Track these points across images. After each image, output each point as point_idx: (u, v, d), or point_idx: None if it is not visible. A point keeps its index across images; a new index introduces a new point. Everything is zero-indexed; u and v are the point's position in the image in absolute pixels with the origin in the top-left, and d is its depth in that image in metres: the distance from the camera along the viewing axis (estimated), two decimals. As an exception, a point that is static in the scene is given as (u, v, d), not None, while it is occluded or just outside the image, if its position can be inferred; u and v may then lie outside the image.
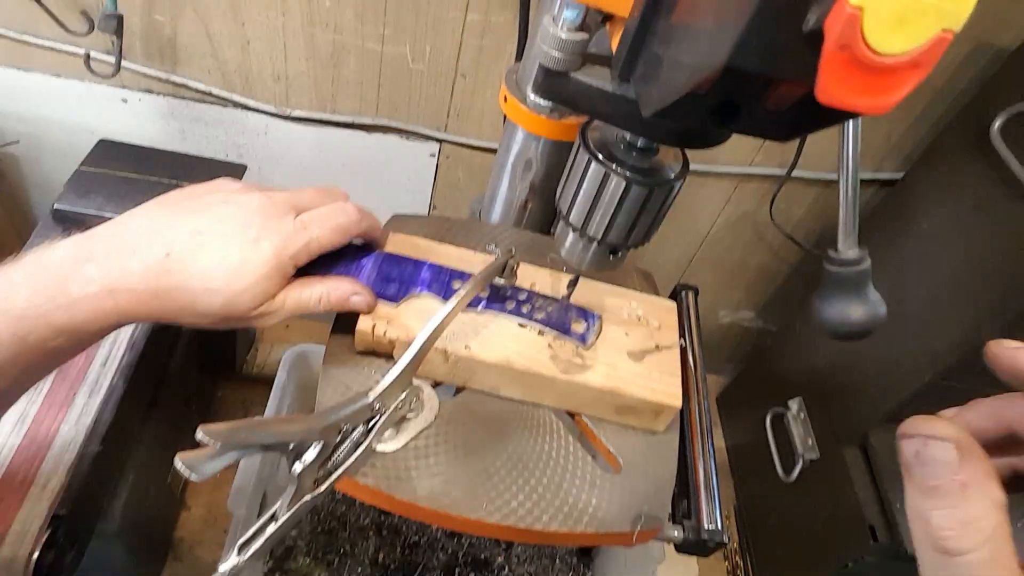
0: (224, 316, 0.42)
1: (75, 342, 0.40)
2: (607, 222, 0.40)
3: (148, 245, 0.40)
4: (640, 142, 0.39)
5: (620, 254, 0.44)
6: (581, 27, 0.33)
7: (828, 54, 0.22)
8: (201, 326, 0.43)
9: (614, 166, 0.38)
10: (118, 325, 0.41)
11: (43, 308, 0.38)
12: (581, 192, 0.40)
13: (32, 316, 0.37)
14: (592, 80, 0.34)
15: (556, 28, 0.33)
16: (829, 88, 0.22)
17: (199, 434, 0.32)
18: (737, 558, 1.25)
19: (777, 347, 1.28)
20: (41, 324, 0.37)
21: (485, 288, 0.53)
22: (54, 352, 0.39)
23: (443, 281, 0.54)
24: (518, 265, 0.53)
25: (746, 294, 1.35)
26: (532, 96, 0.58)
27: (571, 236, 0.44)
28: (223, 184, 0.46)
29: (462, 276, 0.55)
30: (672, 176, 0.39)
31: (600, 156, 0.38)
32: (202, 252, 0.41)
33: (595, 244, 0.43)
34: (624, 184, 0.38)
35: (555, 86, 0.35)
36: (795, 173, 1.01)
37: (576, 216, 0.42)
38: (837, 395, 1.05)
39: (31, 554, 0.58)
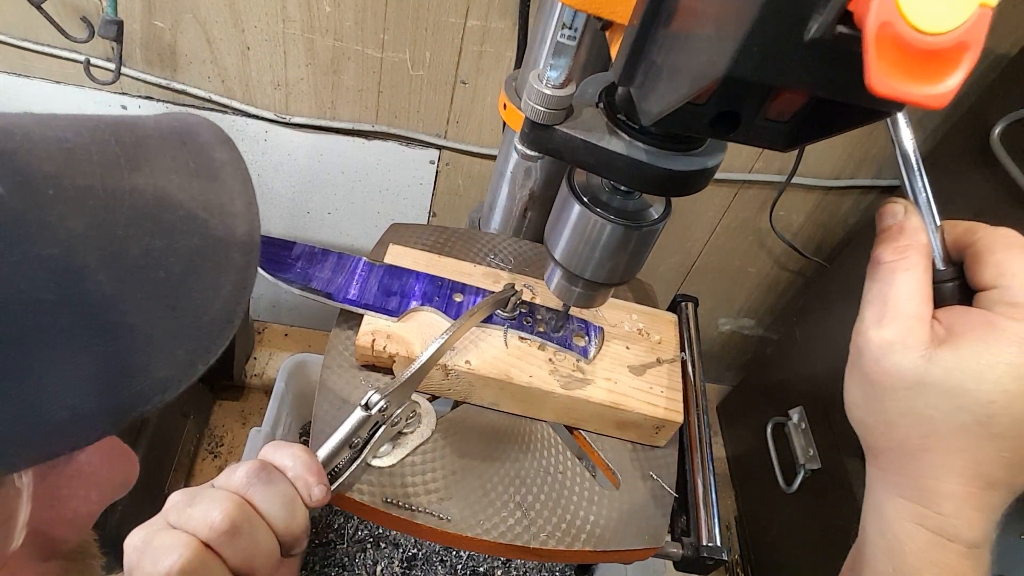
0: None
1: None
2: (592, 262, 0.41)
3: None
4: (623, 186, 0.39)
5: (606, 291, 0.45)
6: (564, 83, 0.35)
7: (870, 36, 0.21)
8: None
9: (598, 209, 0.39)
10: None
11: None
12: (566, 232, 0.41)
13: None
14: (576, 132, 0.35)
15: (541, 85, 0.34)
16: (881, 75, 0.21)
17: None
18: (738, 570, 1.23)
19: (778, 356, 1.27)
20: None
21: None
22: None
23: (444, 295, 0.53)
24: (520, 299, 0.53)
25: (746, 302, 1.35)
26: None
27: (559, 273, 0.45)
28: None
29: (463, 289, 0.54)
30: (656, 218, 0.40)
31: (585, 199, 0.39)
32: None
33: (581, 282, 0.43)
34: (608, 227, 0.39)
35: (540, 138, 0.36)
36: (795, 180, 1.00)
37: (562, 255, 0.42)
38: (838, 404, 1.03)
39: (22, 567, 0.57)
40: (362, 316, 0.51)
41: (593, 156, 0.35)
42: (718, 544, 0.50)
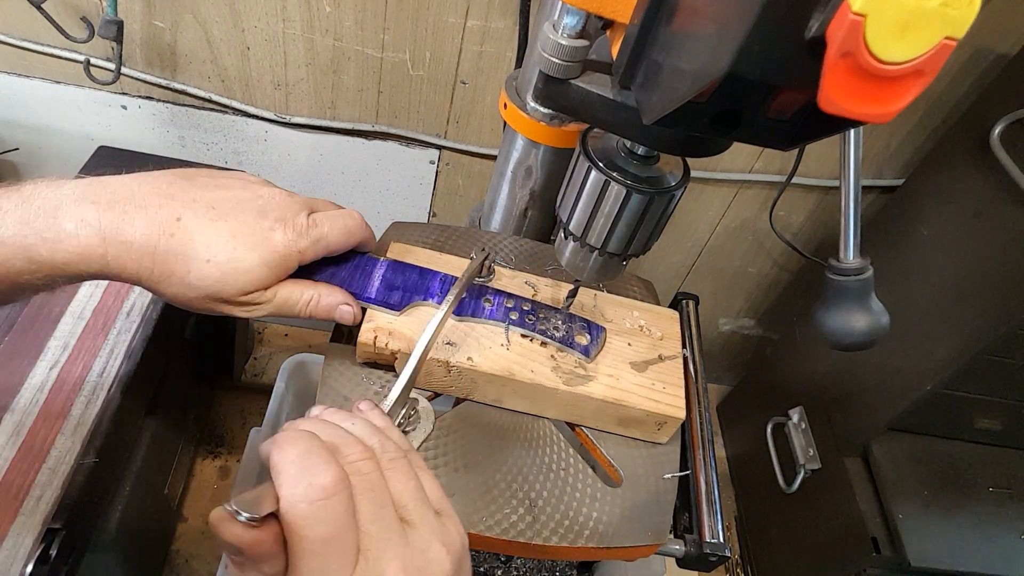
0: (211, 294, 0.41)
1: (48, 280, 0.39)
2: (607, 231, 0.40)
3: (160, 206, 0.40)
4: (641, 150, 0.39)
5: (620, 263, 0.44)
6: (581, 34, 0.33)
7: (831, 62, 0.21)
8: (178, 301, 0.42)
9: (614, 174, 0.38)
10: (98, 276, 0.40)
11: (28, 239, 0.36)
12: (581, 200, 0.40)
13: (12, 244, 0.36)
14: (592, 87, 0.34)
15: (556, 34, 0.33)
16: (832, 96, 0.22)
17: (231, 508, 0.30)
18: (738, 570, 1.24)
19: (778, 356, 1.28)
20: (20, 254, 0.37)
21: (467, 290, 0.53)
22: (22, 285, 0.38)
23: (446, 291, 0.53)
24: (494, 263, 0.53)
25: (746, 302, 1.35)
26: (532, 103, 0.58)
27: (571, 245, 0.44)
28: (243, 175, 0.46)
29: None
30: (673, 184, 0.39)
31: (600, 164, 0.38)
32: (213, 225, 0.40)
33: (595, 253, 0.43)
34: (624, 192, 0.38)
35: (555, 93, 0.34)
36: (795, 180, 1.01)
37: (576, 225, 0.41)
38: (838, 404, 1.04)
39: (24, 568, 0.57)
40: (364, 313, 0.51)
41: (610, 112, 0.33)
42: (721, 540, 0.51)
